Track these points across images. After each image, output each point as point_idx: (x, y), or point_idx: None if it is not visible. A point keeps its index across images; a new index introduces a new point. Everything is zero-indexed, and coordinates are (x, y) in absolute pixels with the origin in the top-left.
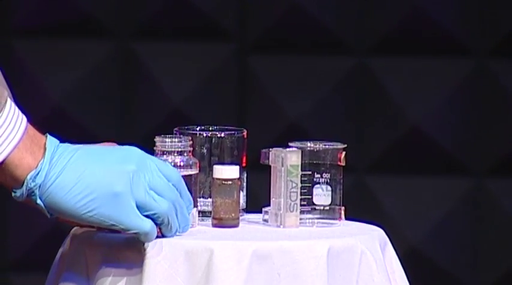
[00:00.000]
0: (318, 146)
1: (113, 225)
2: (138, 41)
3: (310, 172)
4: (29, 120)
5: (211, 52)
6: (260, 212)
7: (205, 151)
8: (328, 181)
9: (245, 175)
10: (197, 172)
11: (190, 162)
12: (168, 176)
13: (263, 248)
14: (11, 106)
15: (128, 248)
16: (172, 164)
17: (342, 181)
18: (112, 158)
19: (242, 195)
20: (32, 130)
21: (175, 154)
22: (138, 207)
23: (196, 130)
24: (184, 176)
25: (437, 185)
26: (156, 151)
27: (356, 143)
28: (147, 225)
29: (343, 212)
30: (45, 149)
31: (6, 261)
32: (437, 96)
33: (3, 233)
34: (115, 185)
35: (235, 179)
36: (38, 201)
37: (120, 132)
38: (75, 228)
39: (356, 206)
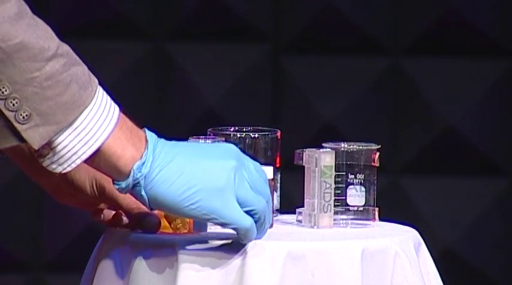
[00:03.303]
0: (351, 147)
1: (214, 219)
2: (173, 41)
3: (344, 173)
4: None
5: (245, 52)
6: (294, 212)
7: None
8: (362, 181)
9: (279, 175)
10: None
11: None
12: (262, 175)
13: (297, 249)
14: (103, 92)
15: (162, 249)
16: None
17: (376, 181)
18: (213, 154)
19: (276, 196)
20: (130, 122)
21: None
22: (238, 203)
23: (230, 131)
24: None
25: (472, 185)
26: None
27: (390, 144)
28: (248, 221)
29: (377, 213)
30: (146, 141)
31: (41, 261)
32: (472, 97)
33: (38, 234)
34: (218, 179)
35: (268, 179)
36: (143, 192)
37: (154, 132)
38: (109, 229)
39: (390, 207)
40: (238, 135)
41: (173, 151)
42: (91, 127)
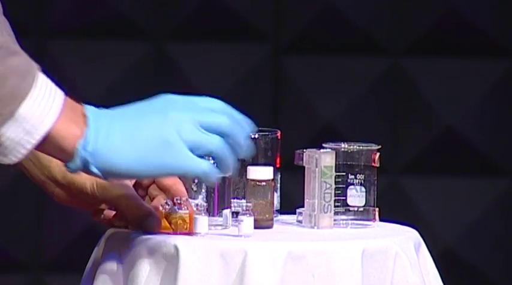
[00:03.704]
0: (352, 147)
1: (171, 173)
2: (173, 41)
3: (344, 173)
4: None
5: (246, 53)
6: (294, 213)
7: None
8: (362, 182)
9: (279, 176)
10: (231, 173)
11: None
12: (214, 109)
13: (297, 249)
14: (44, 79)
15: (162, 249)
16: None
17: (376, 182)
18: (153, 110)
19: (276, 196)
20: (71, 102)
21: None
22: (190, 149)
23: None
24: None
25: (472, 185)
26: None
27: (390, 144)
28: (204, 164)
29: (377, 213)
30: (86, 116)
31: (41, 261)
32: (472, 97)
33: (38, 234)
34: (163, 134)
35: (269, 180)
36: (94, 169)
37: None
38: (109, 229)
39: (390, 207)
40: None
41: (114, 120)
42: (32, 116)
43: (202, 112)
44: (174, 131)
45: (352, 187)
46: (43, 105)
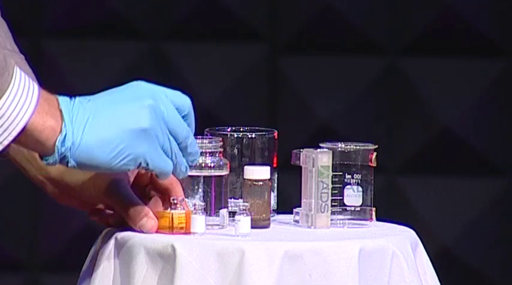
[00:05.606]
0: (349, 147)
1: (141, 165)
2: (170, 41)
3: (341, 173)
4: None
5: (243, 53)
6: (291, 213)
7: (236, 151)
8: (359, 181)
9: (276, 175)
10: (228, 173)
11: (221, 163)
12: (181, 107)
13: (294, 249)
14: (20, 74)
15: (160, 249)
16: (203, 165)
17: (373, 181)
18: (126, 97)
19: (273, 196)
20: (46, 94)
21: (206, 155)
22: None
23: (227, 131)
24: (214, 177)
25: (469, 186)
26: None
27: (387, 144)
28: (171, 165)
29: (374, 213)
30: (60, 110)
31: (38, 261)
32: (469, 97)
33: (35, 234)
34: (140, 121)
35: (266, 180)
36: (72, 163)
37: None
38: (106, 229)
39: (387, 207)
40: (236, 135)
41: (89, 110)
42: (10, 113)
43: (171, 110)
44: (152, 122)
45: (349, 186)
46: (21, 102)
